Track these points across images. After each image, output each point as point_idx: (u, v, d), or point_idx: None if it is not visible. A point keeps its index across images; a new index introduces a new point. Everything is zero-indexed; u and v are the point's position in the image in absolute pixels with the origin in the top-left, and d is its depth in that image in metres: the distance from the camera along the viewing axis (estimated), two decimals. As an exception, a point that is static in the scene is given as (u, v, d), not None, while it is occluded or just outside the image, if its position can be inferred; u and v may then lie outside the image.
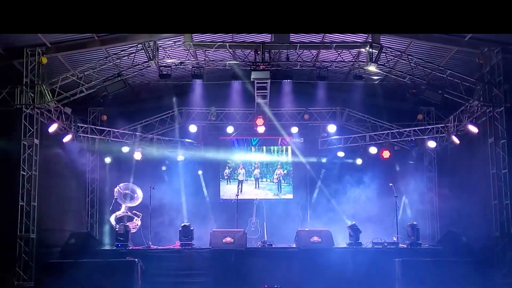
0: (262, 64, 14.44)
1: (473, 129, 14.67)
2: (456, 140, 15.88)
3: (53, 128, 14.67)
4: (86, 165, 17.73)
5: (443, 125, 16.81)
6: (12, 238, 13.27)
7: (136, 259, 12.83)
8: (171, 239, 15.17)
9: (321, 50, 14.95)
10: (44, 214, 14.35)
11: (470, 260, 12.92)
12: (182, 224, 14.46)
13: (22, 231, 13.28)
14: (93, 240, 15.00)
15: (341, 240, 14.64)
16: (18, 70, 14.07)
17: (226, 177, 18.98)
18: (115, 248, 14.08)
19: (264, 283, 12.72)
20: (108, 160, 17.45)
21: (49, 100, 14.08)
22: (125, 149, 17.57)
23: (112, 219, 15.66)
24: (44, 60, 13.83)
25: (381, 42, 14.20)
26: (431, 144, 17.18)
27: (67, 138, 15.63)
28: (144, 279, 12.81)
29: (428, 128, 17.32)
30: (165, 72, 14.87)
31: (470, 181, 15.47)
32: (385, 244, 14.19)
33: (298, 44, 14.37)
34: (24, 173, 13.51)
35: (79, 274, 12.38)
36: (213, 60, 15.13)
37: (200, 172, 18.28)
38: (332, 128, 18.33)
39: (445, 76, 14.43)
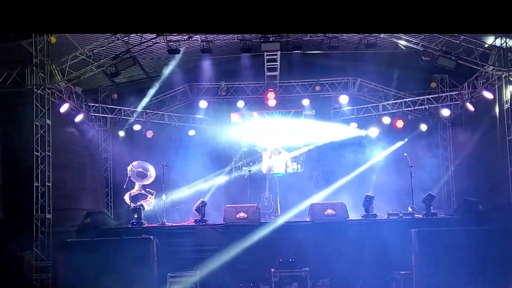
0: (271, 35, 14.23)
1: (488, 95, 14.41)
2: (470, 107, 15.63)
3: (64, 108, 14.68)
4: (99, 144, 17.77)
5: (457, 92, 16.53)
6: (29, 218, 13.39)
7: (151, 236, 12.89)
8: (185, 215, 15.20)
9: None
10: (60, 193, 14.44)
11: (487, 229, 12.78)
12: (198, 201, 14.49)
13: (38, 211, 13.36)
14: (108, 218, 15.04)
15: (356, 212, 14.55)
16: (27, 51, 13.99)
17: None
18: (130, 226, 14.15)
19: (279, 257, 12.74)
20: (121, 133, 17.46)
21: (59, 79, 14.03)
22: (137, 127, 17.65)
23: (127, 197, 15.70)
24: (53, 39, 13.68)
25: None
26: (445, 112, 16.93)
27: (79, 118, 15.65)
28: (160, 255, 12.88)
29: (442, 96, 17.06)
30: (174, 47, 14.76)
31: (485, 149, 15.24)
32: (401, 215, 14.09)
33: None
34: (37, 154, 13.53)
35: (96, 253, 12.49)
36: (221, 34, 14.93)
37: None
38: (344, 99, 18.12)
39: (458, 41, 14.09)
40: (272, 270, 12.65)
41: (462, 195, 15.96)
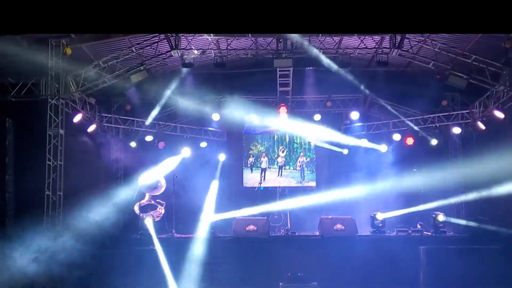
0: (284, 52, 14.36)
1: (499, 114, 14.45)
2: (481, 126, 15.65)
3: (77, 118, 14.85)
4: (111, 154, 17.88)
5: (468, 111, 16.55)
6: (39, 227, 13.48)
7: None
8: (195, 227, 15.22)
9: (344, 37, 14.79)
10: (72, 202, 14.53)
11: (497, 248, 12.75)
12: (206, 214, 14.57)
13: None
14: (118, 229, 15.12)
15: (365, 228, 14.56)
16: (42, 61, 14.16)
17: (249, 165, 18.95)
18: (139, 236, 14.22)
19: (287, 271, 12.76)
20: (133, 144, 17.56)
21: (74, 90, 14.21)
22: (149, 138, 17.73)
23: (136, 208, 15.76)
24: (69, 51, 13.78)
25: (404, 28, 13.95)
26: (456, 130, 16.92)
27: (92, 128, 15.81)
28: (169, 267, 12.92)
29: (453, 114, 17.06)
30: (188, 61, 14.91)
31: (496, 168, 15.20)
32: (409, 231, 14.09)
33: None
34: (49, 163, 13.68)
35: (105, 264, 12.57)
36: (235, 49, 15.09)
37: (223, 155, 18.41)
38: (355, 115, 18.18)
39: (470, 61, 14.17)
40: (281, 284, 12.67)
41: (472, 214, 15.88)
